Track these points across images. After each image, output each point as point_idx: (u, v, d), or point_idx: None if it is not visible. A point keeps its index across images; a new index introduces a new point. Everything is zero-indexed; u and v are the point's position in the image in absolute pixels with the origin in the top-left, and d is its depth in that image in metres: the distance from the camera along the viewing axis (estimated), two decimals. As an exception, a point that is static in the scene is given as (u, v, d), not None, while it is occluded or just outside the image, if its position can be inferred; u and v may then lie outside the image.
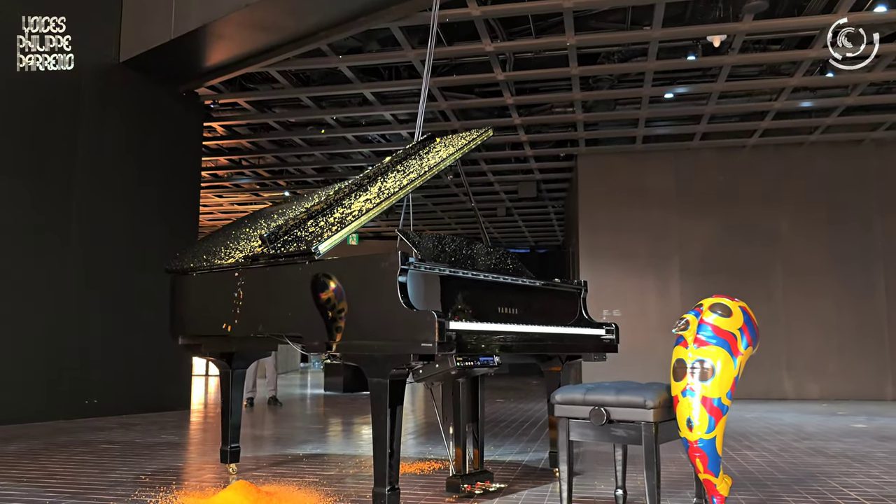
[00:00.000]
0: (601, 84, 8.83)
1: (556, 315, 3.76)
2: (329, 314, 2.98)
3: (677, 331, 2.67)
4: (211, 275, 3.54)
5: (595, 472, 4.11)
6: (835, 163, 10.77)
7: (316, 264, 3.06)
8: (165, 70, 7.87)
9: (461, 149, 3.89)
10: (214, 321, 3.50)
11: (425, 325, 2.68)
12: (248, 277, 3.33)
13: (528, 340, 3.17)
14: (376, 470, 2.83)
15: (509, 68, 8.16)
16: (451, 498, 3.34)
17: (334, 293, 2.99)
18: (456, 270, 3.11)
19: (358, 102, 9.43)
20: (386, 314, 2.79)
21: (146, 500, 3.29)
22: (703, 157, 11.11)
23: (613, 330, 3.83)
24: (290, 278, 3.14)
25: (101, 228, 7.38)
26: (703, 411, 2.57)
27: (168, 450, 4.99)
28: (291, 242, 3.24)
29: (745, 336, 2.69)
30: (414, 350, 2.71)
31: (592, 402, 2.76)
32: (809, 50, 7.46)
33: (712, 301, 2.74)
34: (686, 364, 2.62)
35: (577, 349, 3.56)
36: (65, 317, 6.98)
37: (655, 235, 11.10)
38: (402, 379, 2.85)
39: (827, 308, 10.54)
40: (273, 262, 3.22)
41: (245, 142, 10.94)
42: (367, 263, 2.92)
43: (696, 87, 8.63)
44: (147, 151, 7.97)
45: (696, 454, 2.59)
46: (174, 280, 3.76)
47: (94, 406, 7.18)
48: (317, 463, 4.44)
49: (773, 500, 3.40)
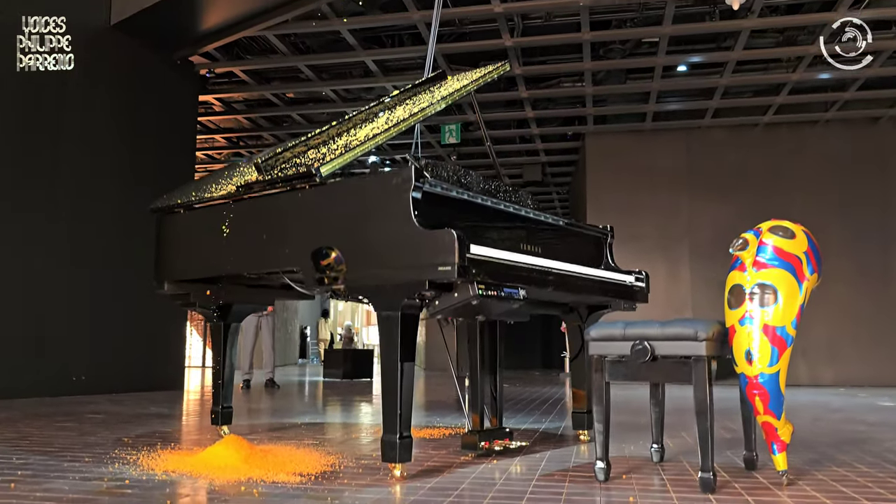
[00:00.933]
0: (612, 54, 8.49)
1: (581, 260, 3.40)
2: (332, 242, 2.63)
3: (734, 250, 2.33)
4: (199, 210, 3.19)
5: (621, 436, 3.76)
6: (850, 142, 10.43)
7: (318, 188, 2.71)
8: (159, 34, 7.51)
9: (476, 80, 3.55)
10: (203, 262, 3.15)
11: (443, 246, 2.33)
12: (240, 209, 2.98)
13: (558, 278, 2.82)
14: (386, 417, 2.48)
15: (517, 34, 7.81)
16: (467, 456, 2.99)
17: (338, 218, 2.64)
18: (475, 196, 2.76)
19: (359, 74, 9.07)
20: (397, 236, 2.45)
21: (126, 458, 2.94)
22: (714, 136, 10.77)
23: (644, 278, 3.49)
24: (289, 206, 2.79)
25: (90, 200, 7.01)
26: (765, 341, 2.22)
27: (157, 419, 4.64)
28: (289, 167, 2.89)
29: (811, 261, 2.35)
30: (430, 276, 2.36)
31: (634, 337, 2.42)
32: (833, 13, 7.13)
33: (772, 223, 2.40)
34: (744, 290, 2.28)
35: (608, 294, 3.20)
36: (51, 291, 6.62)
37: (665, 217, 10.74)
38: (415, 312, 2.50)
39: (842, 292, 10.18)
40: (269, 188, 2.86)
41: (241, 117, 10.58)
42: (376, 182, 2.57)
43: (711, 55, 8.28)
44: (140, 122, 7.60)
45: (756, 391, 2.25)
46: (160, 221, 3.41)
47: (82, 383, 6.81)
48: (317, 430, 4.10)
49: (828, 459, 3.05)
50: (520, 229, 3.01)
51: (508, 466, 2.79)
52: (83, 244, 6.89)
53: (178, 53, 7.96)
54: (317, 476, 2.55)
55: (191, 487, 2.39)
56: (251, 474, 2.54)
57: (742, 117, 10.31)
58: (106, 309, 7.03)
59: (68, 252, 6.77)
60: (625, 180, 10.89)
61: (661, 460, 2.92)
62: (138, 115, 7.58)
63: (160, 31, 7.45)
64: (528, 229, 3.06)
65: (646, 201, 10.80)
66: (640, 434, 3.80)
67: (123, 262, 7.10)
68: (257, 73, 9.13)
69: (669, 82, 9.06)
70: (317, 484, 2.42)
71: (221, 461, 2.70)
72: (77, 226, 6.87)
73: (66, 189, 6.84)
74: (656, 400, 2.91)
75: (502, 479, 2.55)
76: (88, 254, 6.93)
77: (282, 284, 3.67)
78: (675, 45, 8.20)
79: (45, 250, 6.62)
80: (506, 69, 3.83)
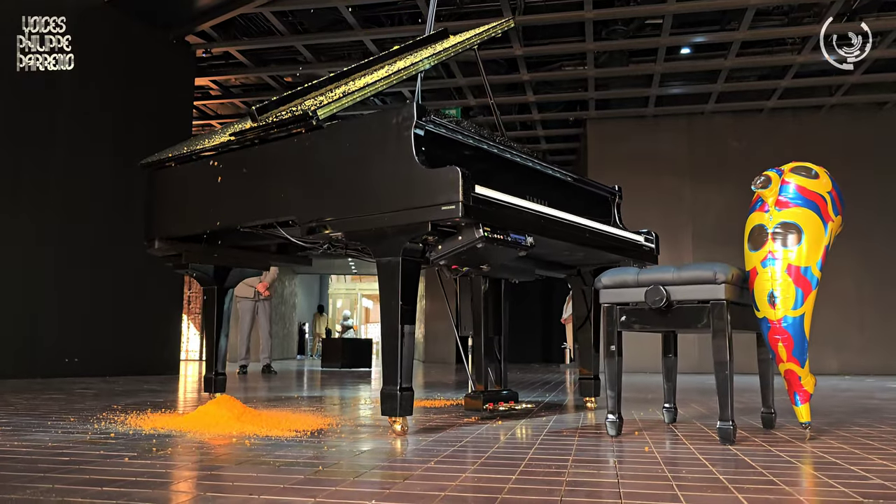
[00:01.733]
0: (615, 35, 8.36)
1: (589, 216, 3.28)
2: (330, 186, 2.50)
3: (756, 188, 2.20)
4: (192, 163, 3.05)
5: (630, 407, 3.63)
6: (855, 128, 10.31)
7: (315, 132, 2.58)
8: (154, 10, 7.38)
9: (479, 34, 3.41)
10: (195, 216, 3.01)
11: (447, 183, 2.20)
12: (233, 158, 2.85)
13: (567, 228, 2.69)
14: (385, 369, 2.35)
15: (519, 13, 7.68)
16: (471, 418, 2.86)
17: (336, 161, 2.51)
18: (481, 140, 2.63)
19: (358, 55, 8.93)
20: (398, 177, 2.32)
21: (114, 419, 2.80)
22: (717, 123, 10.64)
23: (654, 239, 3.36)
24: (284, 152, 2.66)
25: (82, 180, 6.86)
26: (789, 282, 2.09)
27: (150, 393, 4.50)
28: (286, 114, 2.75)
29: (836, 202, 2.22)
30: (433, 216, 2.23)
31: (649, 282, 2.29)
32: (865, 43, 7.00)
33: (794, 164, 2.27)
34: (766, 230, 2.15)
35: (617, 252, 3.07)
36: (43, 273, 6.48)
37: (668, 205, 10.61)
38: (416, 258, 2.37)
39: (846, 281, 10.06)
40: (264, 134, 2.73)
41: (238, 101, 10.43)
42: (376, 120, 2.44)
43: (715, 35, 8.16)
44: (134, 104, 7.44)
45: (779, 337, 2.12)
46: (150, 177, 3.27)
47: (75, 365, 6.66)
48: (314, 401, 3.96)
49: (847, 424, 2.92)
50: (527, 180, 2.89)
51: (514, 426, 2.66)
52: (76, 226, 6.74)
53: (174, 32, 7.82)
54: (313, 432, 2.42)
55: (179, 440, 2.26)
56: (244, 430, 2.41)
57: (746, 102, 10.18)
58: (101, 291, 6.89)
59: (61, 234, 6.63)
60: (627, 167, 10.74)
61: (674, 421, 2.79)
62: (132, 97, 7.42)
63: (154, 7, 7.31)
64: (536, 180, 2.94)
65: (648, 188, 10.66)
66: (650, 405, 3.67)
67: (118, 243, 6.95)
68: (255, 55, 8.99)
69: (673, 65, 8.93)
70: (313, 438, 2.29)
71: (213, 419, 2.57)
72: (69, 208, 6.72)
73: (58, 172, 6.69)
74: (668, 360, 2.78)
75: (508, 434, 2.42)
76: (82, 236, 6.78)
77: (278, 246, 3.54)
78: (679, 26, 8.07)
79: (38, 231, 6.48)
80: (510, 25, 3.70)
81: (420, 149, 2.32)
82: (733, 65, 8.78)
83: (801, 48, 8.43)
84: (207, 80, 9.56)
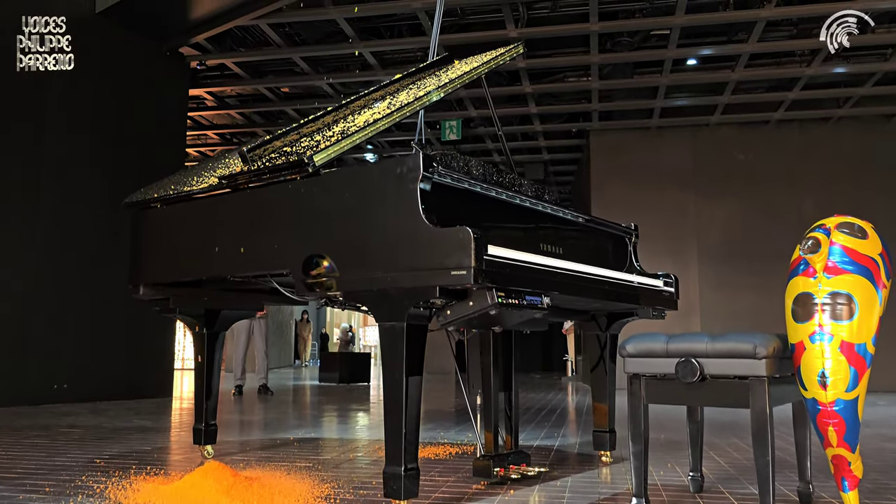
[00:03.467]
0: (620, 46, 8.14)
1: (605, 261, 3.07)
2: (327, 240, 2.28)
3: (805, 253, 1.98)
4: (178, 205, 2.83)
5: (645, 457, 3.40)
6: (863, 140, 10.10)
7: (311, 179, 2.36)
8: (146, 23, 7.16)
9: (487, 63, 3.20)
10: (182, 264, 2.79)
11: (457, 246, 1.99)
12: (223, 204, 2.63)
13: (585, 283, 2.48)
14: (388, 445, 2.13)
15: (522, 25, 7.46)
16: (479, 484, 2.64)
17: (334, 213, 2.29)
18: (489, 188, 2.42)
19: (357, 67, 8.72)
20: (403, 234, 2.10)
21: (92, 487, 2.58)
22: (723, 134, 10.43)
23: (673, 282, 3.15)
24: (277, 199, 2.44)
25: (73, 198, 6.65)
26: (842, 361, 1.88)
27: (137, 434, 4.28)
28: (278, 156, 2.53)
29: (887, 265, 2.01)
30: (441, 280, 2.01)
31: (680, 353, 2.07)
32: (853, 1, 6.79)
33: (839, 219, 2.06)
34: (815, 299, 1.93)
35: (637, 301, 2.86)
36: (31, 293, 6.26)
37: (672, 217, 10.39)
38: (423, 323, 2.15)
39: (855, 294, 9.85)
40: (255, 179, 2.51)
41: (234, 112, 10.21)
42: (379, 171, 2.22)
43: (723, 48, 7.94)
44: (127, 117, 7.24)
45: (830, 421, 1.90)
46: (135, 217, 3.05)
47: (64, 391, 6.44)
48: (310, 447, 3.74)
49: (886, 489, 2.71)
50: (540, 227, 2.67)
51: (528, 498, 2.44)
52: (65, 245, 6.53)
53: (168, 44, 7.60)
54: (308, 512, 2.20)
55: (160, 529, 2.04)
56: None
57: (752, 114, 9.98)
58: (89, 312, 6.67)
59: (49, 253, 6.41)
60: (631, 179, 10.53)
61: (700, 490, 2.57)
62: (125, 110, 7.21)
63: (148, 19, 7.09)
64: (549, 227, 2.72)
65: (652, 200, 10.45)
66: (669, 453, 3.45)
67: (107, 263, 6.71)
68: (251, 66, 8.76)
69: (678, 76, 8.72)
70: (308, 524, 2.07)
71: (199, 492, 2.35)
72: (58, 227, 6.51)
73: (48, 188, 6.48)
74: (694, 419, 2.56)
75: (523, 515, 2.20)
76: (71, 255, 6.57)
77: (271, 289, 3.32)
78: (686, 37, 7.86)
79: (25, 252, 6.26)
80: (519, 52, 3.49)
81: (427, 203, 2.10)
82: (741, 77, 8.57)
83: (810, 60, 8.23)
84: (202, 91, 9.33)
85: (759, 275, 10.02)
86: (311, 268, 2.29)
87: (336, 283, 2.24)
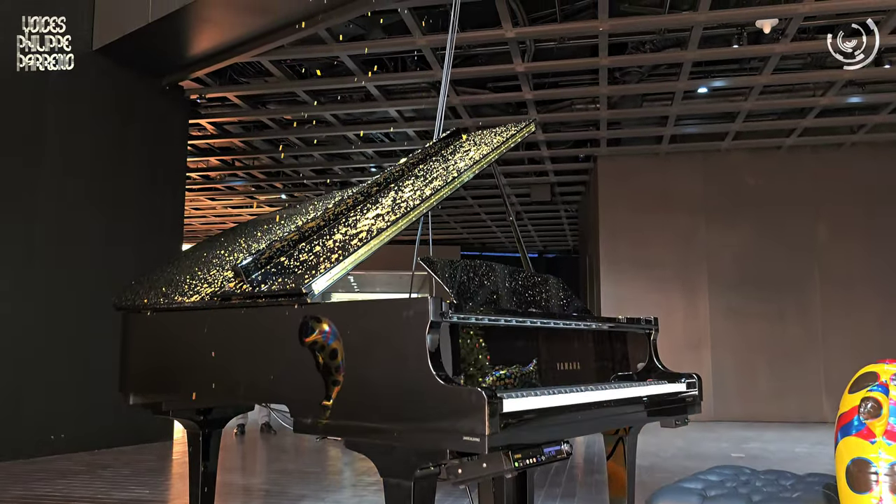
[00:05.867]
0: (629, 77, 7.96)
1: (622, 362, 2.88)
2: (326, 381, 2.10)
3: (865, 418, 1.79)
4: (170, 316, 2.66)
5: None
6: (877, 165, 9.90)
7: (308, 308, 2.18)
8: (145, 60, 7.00)
9: (497, 148, 3.01)
10: (174, 381, 2.62)
11: (469, 409, 1.80)
12: (215, 323, 2.45)
13: (606, 412, 2.29)
14: None
15: (529, 58, 7.28)
16: None
17: (334, 352, 2.11)
18: (497, 319, 2.23)
19: (360, 98, 8.54)
20: (409, 387, 1.92)
21: None
22: (734, 159, 10.23)
23: (696, 382, 2.95)
24: (272, 327, 2.26)
25: (71, 236, 6.50)
26: (899, 546, 1.69)
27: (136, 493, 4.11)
28: (275, 276, 2.36)
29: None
30: (452, 444, 1.83)
31: (714, 520, 1.88)
32: (870, 36, 6.58)
33: (893, 368, 1.87)
34: (874, 469, 1.75)
35: (660, 414, 2.67)
36: (26, 337, 6.09)
37: (682, 244, 10.21)
38: (431, 482, 1.97)
39: (869, 323, 9.65)
40: (250, 303, 2.33)
41: (237, 141, 10.05)
42: (383, 311, 2.04)
43: (735, 80, 7.75)
44: (125, 152, 7.09)
45: None
46: (124, 319, 2.88)
47: (62, 441, 6.29)
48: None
49: None
50: (555, 343, 2.49)
51: None
52: (61, 288, 6.38)
53: (167, 79, 7.44)
54: None
55: None
56: None
57: (763, 139, 9.78)
58: (86, 357, 6.50)
59: (45, 297, 6.25)
60: (640, 204, 10.35)
61: None
62: (123, 145, 7.07)
63: (145, 57, 6.94)
64: (565, 341, 2.54)
65: (661, 225, 10.27)
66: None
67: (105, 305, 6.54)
68: (251, 98, 8.60)
69: (689, 106, 8.54)
70: None
71: None
72: (55, 269, 6.36)
73: (44, 229, 6.33)
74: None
75: None
76: (67, 299, 6.41)
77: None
78: (698, 66, 7.67)
79: (22, 295, 6.10)
80: (531, 130, 3.30)
81: (437, 355, 1.92)
82: (753, 107, 8.38)
83: (825, 90, 8.03)
84: (203, 121, 9.17)
85: (770, 302, 9.83)
86: (309, 408, 2.11)
87: (336, 429, 2.06)
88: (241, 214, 15.19)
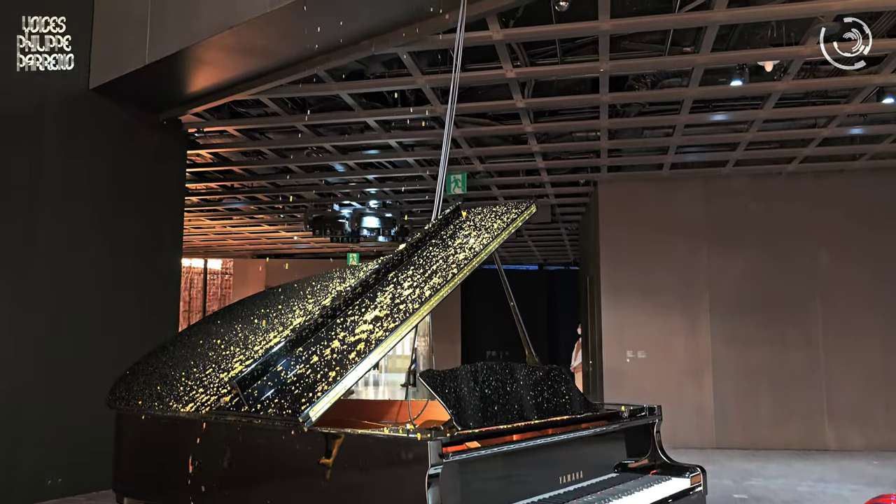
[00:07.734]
0: (629, 110, 7.91)
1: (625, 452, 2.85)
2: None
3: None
4: (164, 423, 2.62)
5: None
6: (879, 190, 9.83)
7: (305, 436, 2.14)
8: (142, 97, 6.96)
9: (498, 236, 2.98)
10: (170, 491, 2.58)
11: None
12: (210, 439, 2.42)
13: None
14: None
15: (528, 94, 7.22)
16: None
17: (330, 482, 2.07)
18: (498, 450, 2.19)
19: (360, 129, 8.50)
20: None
21: None
22: (735, 184, 10.16)
23: (700, 473, 2.91)
24: (268, 451, 2.23)
25: (68, 270, 6.47)
26: None
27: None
28: (271, 397, 2.31)
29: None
30: None
31: None
32: (875, 76, 6.55)
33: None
34: None
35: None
36: (21, 378, 6.04)
37: (683, 270, 10.14)
38: None
39: (872, 350, 9.59)
40: (247, 421, 2.30)
41: (236, 168, 10.01)
42: (381, 449, 2.00)
43: (737, 114, 7.70)
44: (122, 187, 7.05)
45: None
46: (118, 418, 2.84)
47: (59, 486, 6.25)
48: None
49: None
50: (559, 454, 2.45)
51: None
52: (59, 330, 6.35)
53: (164, 115, 7.40)
54: None
55: None
56: None
57: (764, 166, 9.73)
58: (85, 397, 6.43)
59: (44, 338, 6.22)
60: (641, 230, 10.29)
61: None
62: (120, 180, 7.03)
63: (142, 95, 6.90)
64: (569, 449, 2.50)
65: (662, 250, 10.21)
66: None
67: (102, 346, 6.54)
68: (251, 130, 8.56)
69: (690, 137, 8.48)
70: None
71: None
72: (53, 311, 6.33)
73: (41, 271, 6.28)
74: None
75: None
76: (65, 341, 6.37)
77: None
78: (699, 102, 7.62)
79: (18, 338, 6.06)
80: (531, 212, 3.26)
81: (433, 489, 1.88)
82: (754, 138, 8.34)
83: (826, 122, 7.98)
84: (202, 151, 9.13)
85: (772, 328, 9.77)
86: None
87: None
88: (241, 233, 15.17)
